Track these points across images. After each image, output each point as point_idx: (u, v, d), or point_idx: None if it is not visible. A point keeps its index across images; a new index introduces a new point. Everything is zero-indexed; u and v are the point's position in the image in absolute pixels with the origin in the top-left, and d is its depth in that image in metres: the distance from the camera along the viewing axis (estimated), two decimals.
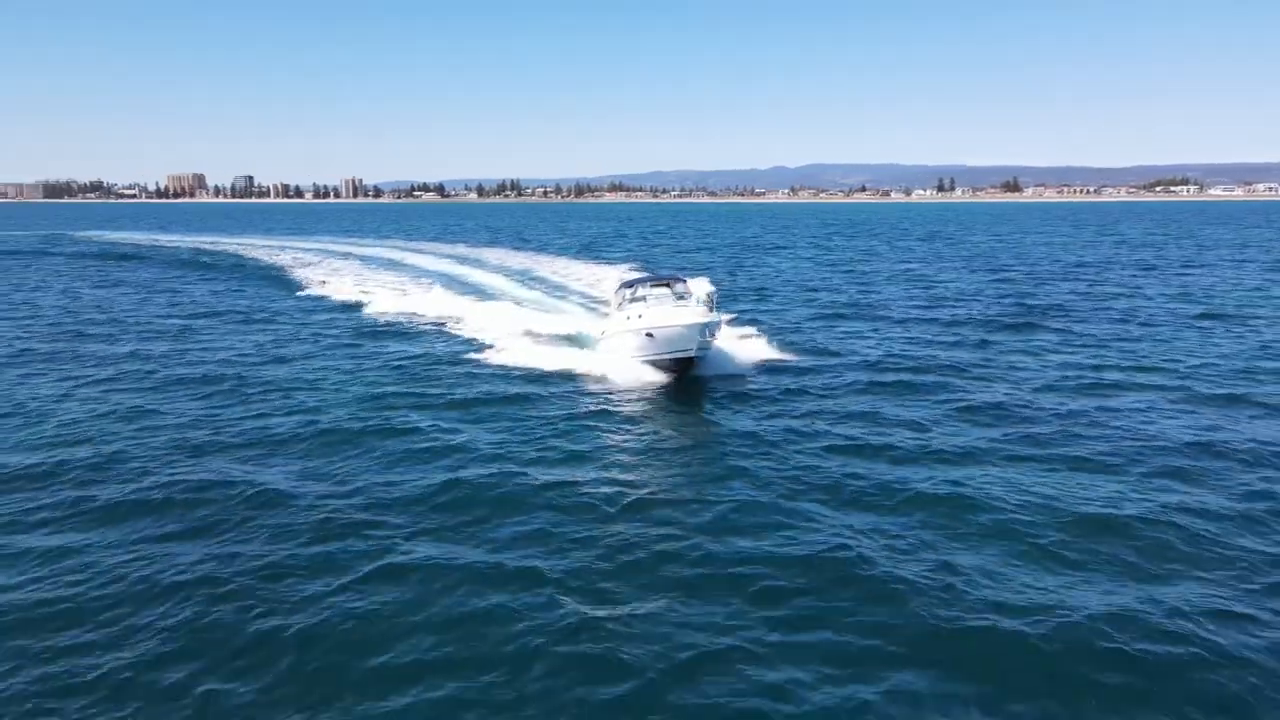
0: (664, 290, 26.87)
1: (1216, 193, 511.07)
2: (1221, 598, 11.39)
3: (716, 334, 23.74)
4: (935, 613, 10.93)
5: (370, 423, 19.57)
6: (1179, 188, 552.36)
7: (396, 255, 66.95)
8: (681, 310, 23.17)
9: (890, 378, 24.27)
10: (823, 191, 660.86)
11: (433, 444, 18.04)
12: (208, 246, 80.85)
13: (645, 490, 15.46)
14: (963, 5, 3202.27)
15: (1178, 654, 10.05)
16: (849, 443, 18.14)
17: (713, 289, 25.44)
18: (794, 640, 10.46)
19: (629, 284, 27.99)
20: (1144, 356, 27.25)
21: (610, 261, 61.11)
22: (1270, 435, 18.56)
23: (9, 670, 9.89)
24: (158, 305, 41.18)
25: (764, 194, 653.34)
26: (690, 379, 23.31)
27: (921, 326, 33.79)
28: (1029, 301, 40.86)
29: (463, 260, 61.87)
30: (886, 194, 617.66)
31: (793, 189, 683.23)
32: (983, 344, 29.72)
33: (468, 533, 13.60)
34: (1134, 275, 54.87)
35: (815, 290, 47.39)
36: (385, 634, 10.53)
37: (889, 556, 12.58)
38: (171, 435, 18.78)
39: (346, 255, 67.58)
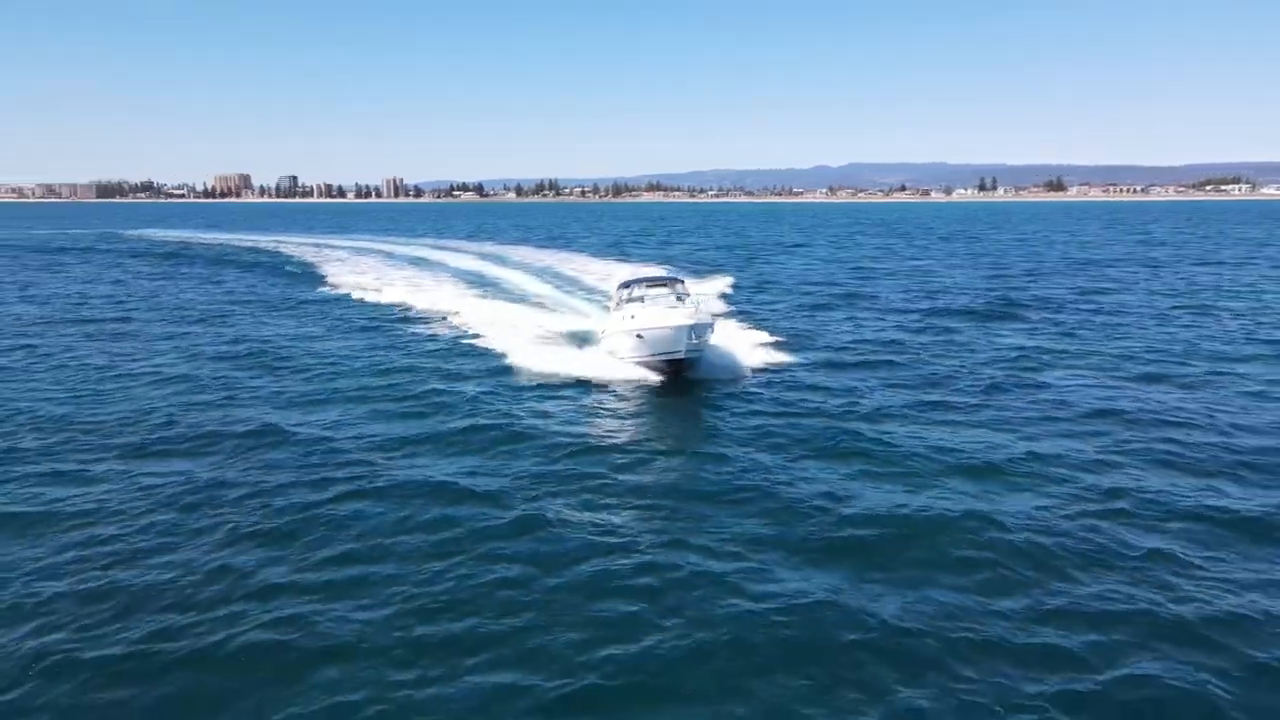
0: (662, 291, 26.61)
1: (1270, 191, 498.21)
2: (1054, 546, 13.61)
3: (708, 336, 23.11)
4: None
5: (350, 416, 20.26)
6: (1230, 186, 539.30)
7: (423, 253, 69.28)
8: (671, 312, 22.93)
9: (849, 358, 26.60)
10: (861, 191, 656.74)
11: (406, 433, 18.68)
12: (247, 244, 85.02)
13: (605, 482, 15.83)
14: (1010, 2, 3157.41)
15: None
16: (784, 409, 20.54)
17: (727, 289, 26.65)
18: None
19: (627, 284, 27.65)
20: (1088, 341, 29.34)
21: (631, 259, 63.44)
22: (1166, 405, 20.62)
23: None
24: (195, 295, 44.70)
25: (802, 194, 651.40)
26: (685, 379, 23.14)
27: (897, 315, 35.87)
28: (1013, 295, 42.64)
29: (488, 257, 63.76)
30: (926, 193, 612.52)
31: (831, 189, 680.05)
32: (946, 330, 31.89)
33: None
34: (1133, 271, 56.18)
35: (815, 285, 49.53)
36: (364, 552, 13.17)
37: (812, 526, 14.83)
38: (197, 394, 21.84)
39: (375, 253, 70.52)
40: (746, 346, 26.63)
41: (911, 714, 9.00)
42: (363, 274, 53.46)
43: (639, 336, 22.68)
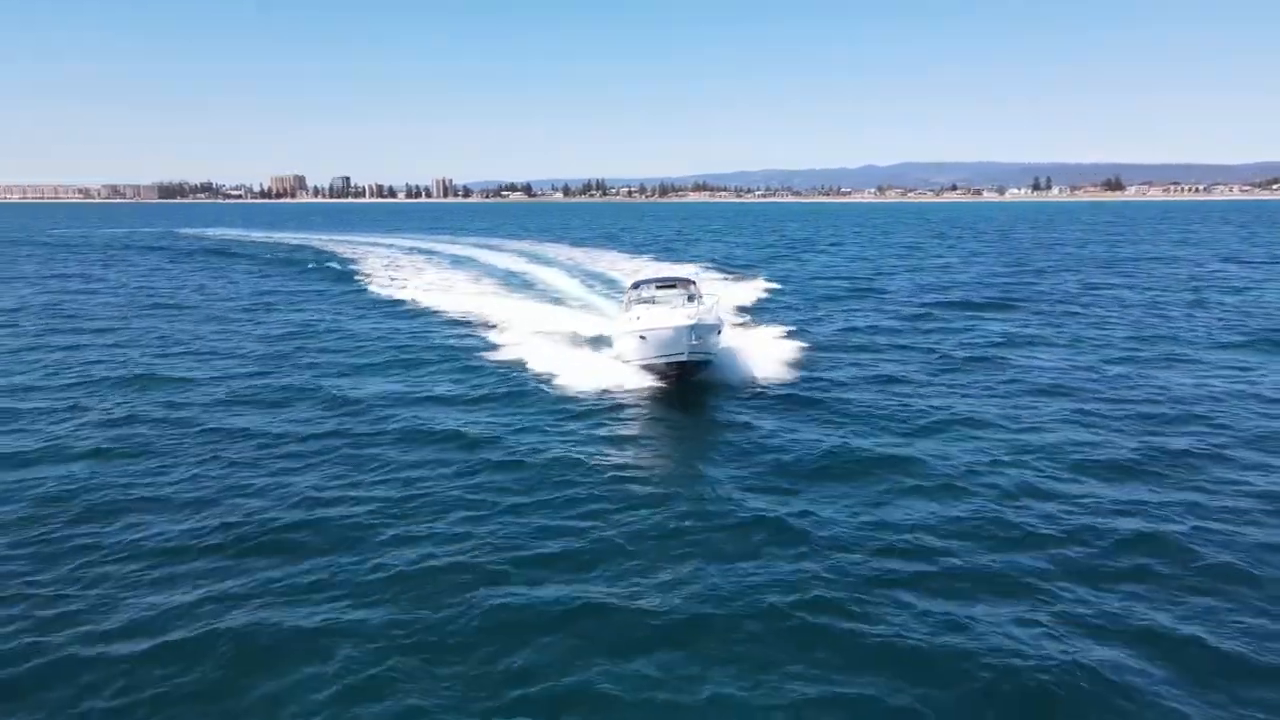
0: (672, 292, 26.06)
1: None
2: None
3: (715, 338, 21.77)
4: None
5: (339, 414, 20.20)
6: None
7: (466, 250, 71.25)
8: (674, 312, 21.99)
9: (865, 359, 28.26)
10: (911, 191, 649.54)
11: (405, 426, 18.80)
12: (298, 242, 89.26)
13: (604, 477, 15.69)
14: None
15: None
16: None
17: (762, 292, 26.37)
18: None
19: (638, 285, 27.20)
20: (1057, 330, 31.44)
21: (646, 256, 65.81)
22: (1086, 385, 22.62)
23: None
24: (234, 289, 48.39)
25: (849, 193, 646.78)
26: (697, 384, 21.96)
27: (893, 307, 38.04)
28: (1010, 290, 44.70)
29: (523, 254, 65.57)
30: (978, 193, 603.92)
31: (880, 188, 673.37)
32: (923, 316, 34.73)
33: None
34: (1141, 265, 57.30)
35: (829, 279, 51.72)
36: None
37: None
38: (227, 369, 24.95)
39: (412, 250, 73.20)
40: (766, 348, 25.61)
41: None
42: (395, 271, 54.99)
43: (641, 338, 21.79)
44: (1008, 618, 10.76)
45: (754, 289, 43.38)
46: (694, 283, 26.89)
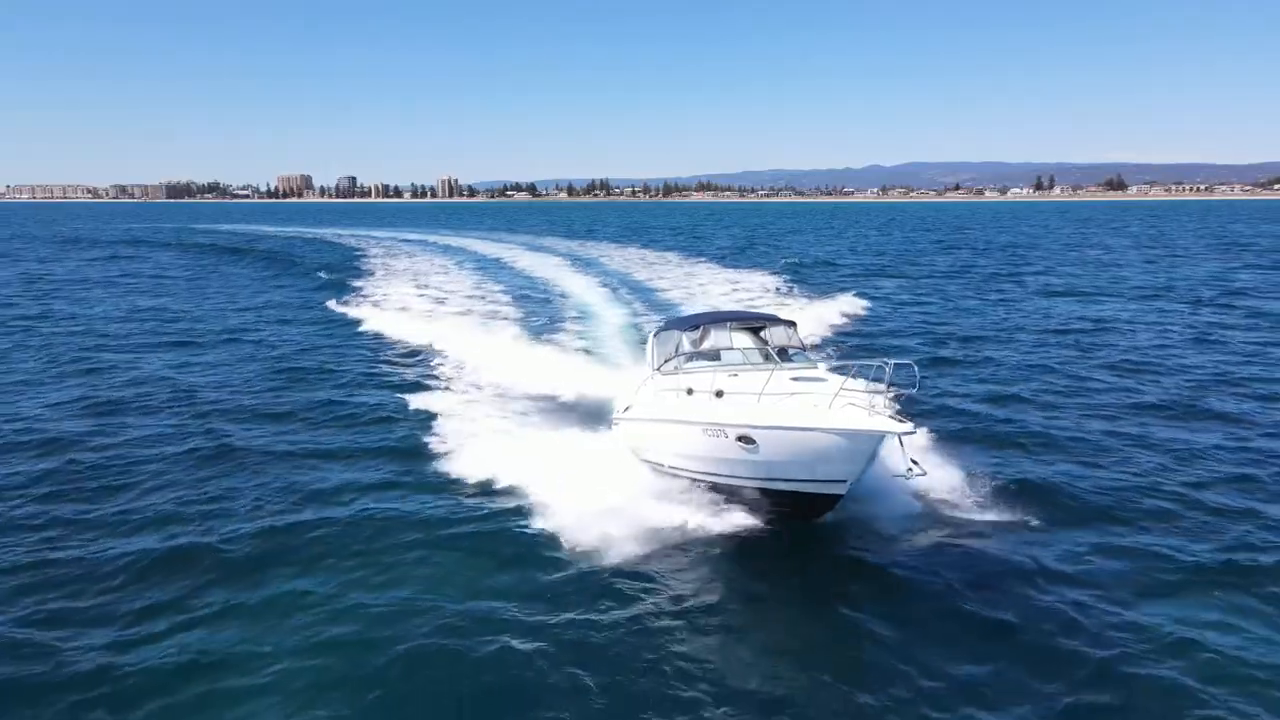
0: (751, 341, 15.08)
1: None
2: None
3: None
4: None
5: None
6: None
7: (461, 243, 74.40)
8: (816, 398, 11.54)
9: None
10: (914, 190, 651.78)
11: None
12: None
13: None
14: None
15: None
16: None
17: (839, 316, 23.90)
18: None
19: (688, 322, 16.25)
20: (971, 318, 35.51)
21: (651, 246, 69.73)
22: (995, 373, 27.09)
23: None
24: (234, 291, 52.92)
25: (852, 193, 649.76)
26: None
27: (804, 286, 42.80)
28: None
29: (515, 246, 67.96)
30: (980, 193, 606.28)
31: (883, 188, 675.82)
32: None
33: None
34: (1095, 254, 62.26)
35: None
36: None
37: None
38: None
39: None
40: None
41: None
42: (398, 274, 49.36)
43: (746, 442, 12.08)
44: None
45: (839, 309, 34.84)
46: (793, 324, 15.99)
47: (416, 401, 19.63)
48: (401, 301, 37.03)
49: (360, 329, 30.92)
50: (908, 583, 11.33)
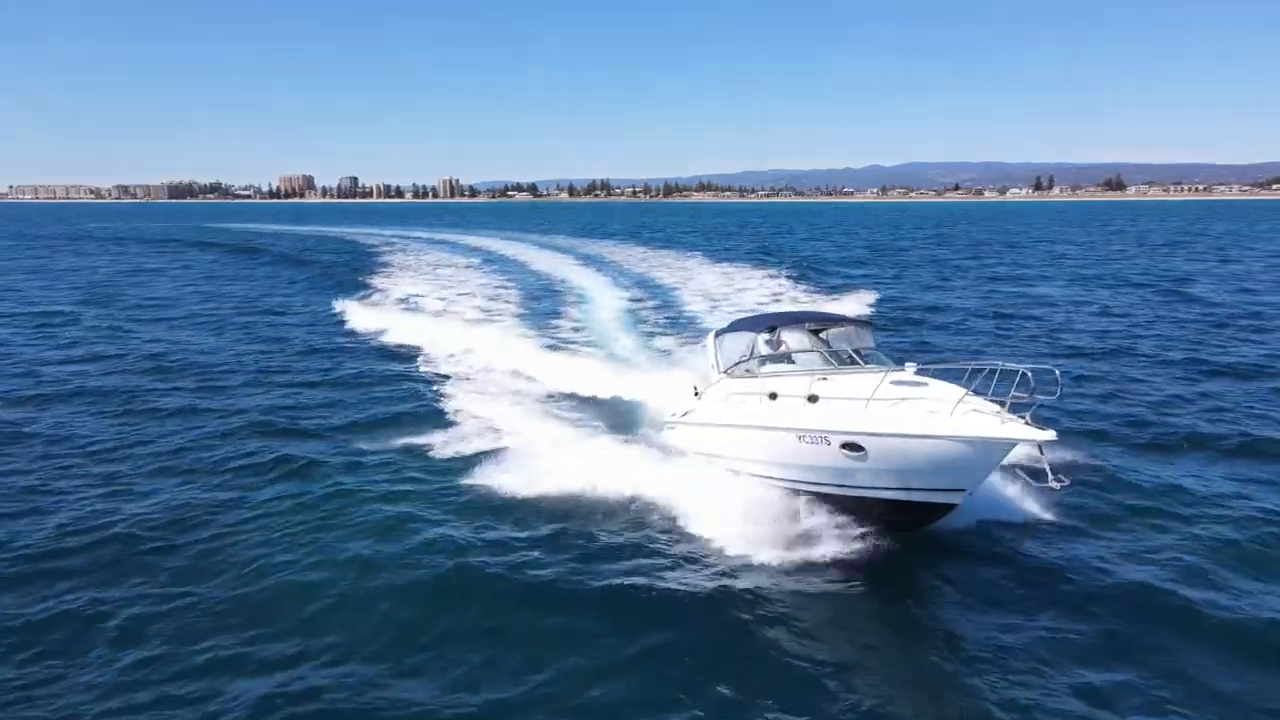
0: (824, 339, 14.48)
1: None
2: None
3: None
4: None
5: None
6: None
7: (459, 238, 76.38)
8: (938, 404, 10.95)
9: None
10: (913, 190, 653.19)
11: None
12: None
13: None
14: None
15: None
16: None
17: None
18: None
19: (761, 323, 15.38)
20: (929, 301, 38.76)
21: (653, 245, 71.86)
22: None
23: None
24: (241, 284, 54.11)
25: (852, 194, 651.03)
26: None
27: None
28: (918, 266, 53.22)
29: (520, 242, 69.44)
30: (980, 193, 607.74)
31: (883, 189, 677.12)
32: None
33: None
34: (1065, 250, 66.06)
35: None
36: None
37: None
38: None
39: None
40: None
41: None
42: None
43: (849, 449, 11.57)
44: None
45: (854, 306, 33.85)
46: (870, 324, 15.87)
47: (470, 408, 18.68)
48: (452, 306, 35.28)
49: (384, 336, 28.97)
50: (1030, 590, 11.20)
